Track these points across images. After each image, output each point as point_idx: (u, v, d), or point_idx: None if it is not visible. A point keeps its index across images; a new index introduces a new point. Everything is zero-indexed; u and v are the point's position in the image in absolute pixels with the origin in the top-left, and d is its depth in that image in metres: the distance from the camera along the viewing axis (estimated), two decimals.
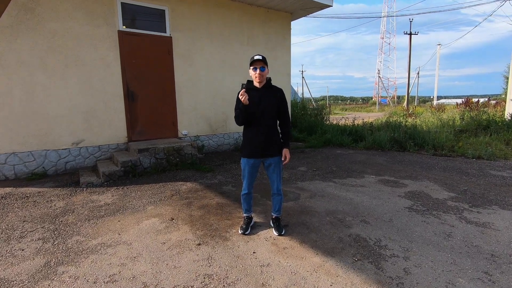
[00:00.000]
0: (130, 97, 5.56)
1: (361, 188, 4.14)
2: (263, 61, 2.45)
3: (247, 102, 2.37)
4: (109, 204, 3.61)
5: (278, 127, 2.70)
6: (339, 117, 17.23)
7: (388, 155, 6.53)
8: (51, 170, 4.94)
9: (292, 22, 7.93)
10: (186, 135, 6.34)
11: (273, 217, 2.85)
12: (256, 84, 2.54)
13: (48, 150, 4.89)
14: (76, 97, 5.04)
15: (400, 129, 7.74)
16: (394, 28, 74.11)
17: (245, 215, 2.85)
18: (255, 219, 3.09)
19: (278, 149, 2.63)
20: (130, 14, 5.44)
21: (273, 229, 2.80)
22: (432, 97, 44.17)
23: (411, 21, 24.69)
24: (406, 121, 8.44)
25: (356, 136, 8.02)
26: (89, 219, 3.15)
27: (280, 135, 2.68)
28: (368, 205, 3.48)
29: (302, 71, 39.28)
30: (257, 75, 2.47)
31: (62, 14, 4.79)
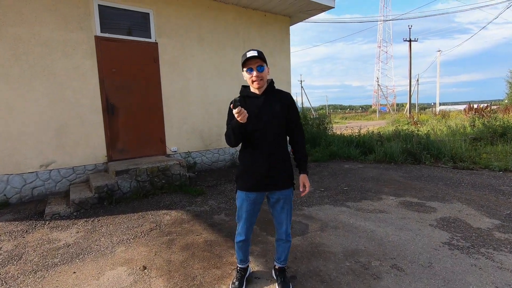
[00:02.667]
0: (110, 110, 4.89)
1: (382, 215, 3.41)
2: (261, 57, 1.73)
3: (245, 120, 1.63)
4: (70, 245, 2.87)
5: (289, 145, 2.02)
6: (341, 126, 16.61)
7: (403, 169, 5.81)
8: (15, 198, 4.22)
9: (289, 30, 7.36)
10: (175, 151, 5.64)
11: (277, 267, 2.12)
12: (254, 90, 1.83)
13: (10, 174, 4.18)
14: (46, 112, 4.37)
15: (412, 139, 7.05)
16: (390, 37, 74.61)
17: (239, 266, 2.12)
18: (252, 265, 2.36)
19: (290, 178, 1.92)
20: (109, 18, 4.83)
21: (277, 284, 2.07)
22: (433, 103, 43.70)
23: (410, 28, 24.40)
24: (418, 130, 7.78)
25: (364, 148, 7.32)
26: (36, 271, 2.42)
27: (293, 156, 1.98)
28: (396, 241, 2.75)
29: (301, 80, 38.97)
30: (254, 78, 1.74)
31: (27, 18, 4.17)
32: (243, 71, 1.79)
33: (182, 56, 5.62)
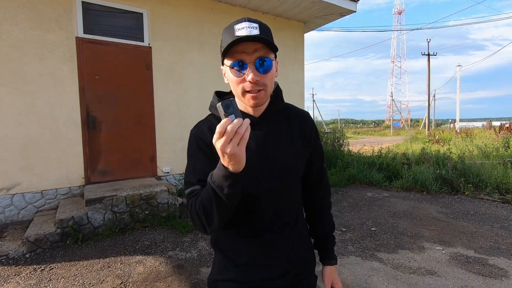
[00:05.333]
0: (90, 124, 4.16)
1: (433, 280, 2.45)
2: (265, 40, 0.77)
3: (243, 161, 0.66)
4: None
5: (305, 208, 1.09)
6: (354, 141, 15.60)
7: (439, 201, 4.81)
8: None
9: (303, 37, 6.60)
10: (168, 173, 4.84)
11: None
12: (244, 107, 0.89)
13: None
14: (11, 125, 3.66)
15: (445, 162, 6.04)
16: (404, 52, 73.42)
17: None
18: None
19: (314, 278, 1.04)
20: (94, 17, 4.17)
21: None
22: (451, 120, 42.06)
23: (428, 42, 23.47)
24: (450, 152, 6.77)
25: (388, 172, 6.33)
26: None
27: (313, 231, 1.09)
28: None
29: (313, 94, 38.23)
30: (248, 85, 0.80)
31: None
32: (222, 64, 0.85)
33: (180, 62, 4.89)
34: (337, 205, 4.60)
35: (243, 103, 0.87)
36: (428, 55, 24.00)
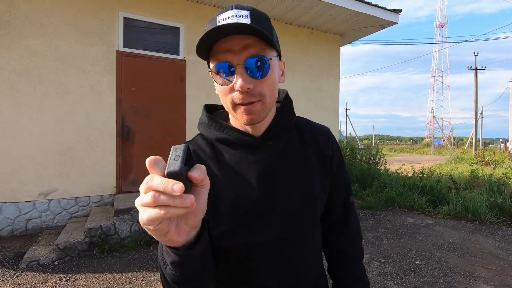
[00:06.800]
0: (125, 134, 4.25)
1: None
2: (258, 31, 0.54)
3: (173, 243, 0.44)
4: None
5: (326, 258, 0.85)
6: (390, 159, 14.68)
7: (497, 234, 4.19)
8: (6, 231, 3.63)
9: (339, 50, 6.38)
10: None
11: None
12: (239, 124, 0.68)
13: (5, 202, 3.63)
14: (51, 133, 3.84)
15: (502, 188, 5.34)
16: (447, 66, 69.15)
17: None
18: None
19: None
20: (134, 32, 4.33)
21: None
22: (501, 140, 38.34)
23: (476, 55, 21.86)
24: (507, 175, 5.99)
25: (432, 196, 5.74)
26: None
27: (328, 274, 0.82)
28: None
29: (346, 108, 37.21)
30: (238, 96, 0.59)
31: (46, 30, 3.79)
32: (209, 67, 0.63)
33: None
34: (374, 231, 4.19)
35: (237, 120, 0.65)
36: (476, 69, 22.29)
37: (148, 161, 0.38)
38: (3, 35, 3.59)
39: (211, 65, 0.61)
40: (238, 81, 0.57)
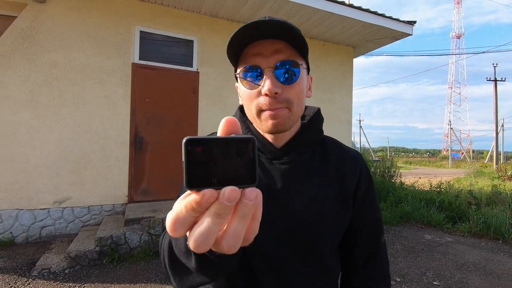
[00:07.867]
0: (137, 144, 4.32)
1: None
2: (289, 38, 0.57)
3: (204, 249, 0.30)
4: None
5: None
6: (406, 172, 14.27)
7: None
8: (21, 237, 3.71)
9: (352, 62, 6.34)
10: None
11: None
12: (263, 133, 0.65)
13: (21, 210, 3.72)
14: (67, 142, 3.94)
15: None
16: (464, 77, 67.46)
17: None
18: None
19: None
20: (150, 45, 4.45)
21: None
22: None
23: (495, 66, 21.28)
24: None
25: (450, 212, 5.50)
26: None
27: None
28: None
29: (360, 120, 36.73)
30: (264, 101, 0.57)
31: (66, 43, 3.95)
32: (236, 73, 0.63)
33: (226, 88, 4.95)
34: (389, 248, 4.03)
35: (260, 129, 0.62)
36: (495, 80, 21.65)
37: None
38: (27, 48, 3.77)
39: (239, 69, 0.60)
40: (266, 85, 0.56)
